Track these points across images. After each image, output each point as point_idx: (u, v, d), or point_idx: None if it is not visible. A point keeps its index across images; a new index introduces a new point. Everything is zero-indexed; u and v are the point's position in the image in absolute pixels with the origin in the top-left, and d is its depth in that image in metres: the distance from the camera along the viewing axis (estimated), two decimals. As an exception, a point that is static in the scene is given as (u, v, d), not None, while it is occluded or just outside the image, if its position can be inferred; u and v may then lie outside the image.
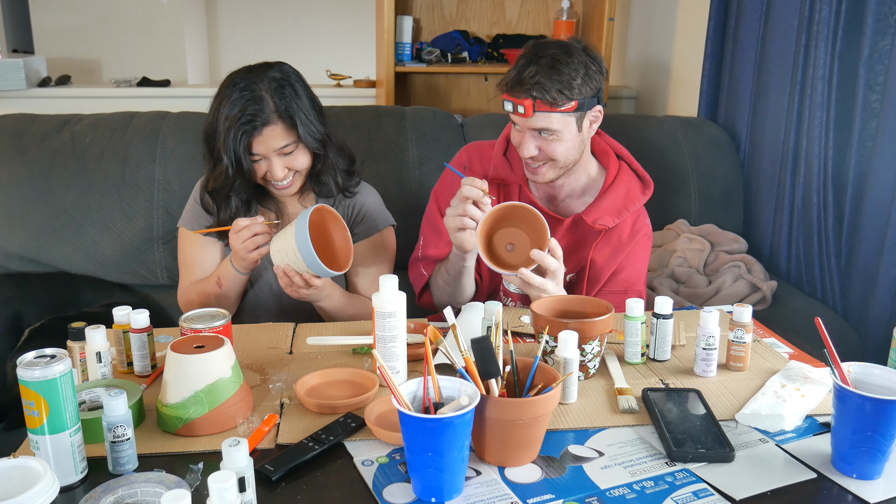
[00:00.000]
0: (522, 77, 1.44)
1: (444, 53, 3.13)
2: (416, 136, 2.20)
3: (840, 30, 2.00)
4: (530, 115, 1.45)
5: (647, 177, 1.63)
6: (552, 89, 1.43)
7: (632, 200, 1.60)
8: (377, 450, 1.04)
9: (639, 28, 3.35)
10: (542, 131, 1.48)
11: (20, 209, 1.99)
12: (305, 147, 1.53)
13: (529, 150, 1.50)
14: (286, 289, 1.46)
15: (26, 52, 4.18)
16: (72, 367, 0.95)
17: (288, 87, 1.50)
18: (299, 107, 1.49)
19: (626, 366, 1.30)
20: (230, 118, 1.46)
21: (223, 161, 1.49)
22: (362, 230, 1.67)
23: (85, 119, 2.12)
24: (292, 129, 1.49)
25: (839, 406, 0.99)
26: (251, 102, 1.46)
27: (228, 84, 1.50)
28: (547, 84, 1.43)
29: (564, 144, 1.50)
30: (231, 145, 1.47)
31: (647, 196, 1.62)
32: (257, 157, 1.51)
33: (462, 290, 1.61)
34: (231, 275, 1.55)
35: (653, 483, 0.98)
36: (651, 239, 1.69)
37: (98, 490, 0.91)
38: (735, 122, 2.50)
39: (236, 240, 1.47)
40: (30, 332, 1.67)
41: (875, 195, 1.93)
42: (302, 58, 4.35)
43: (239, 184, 1.53)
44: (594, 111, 1.52)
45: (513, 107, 1.47)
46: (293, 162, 1.53)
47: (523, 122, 1.49)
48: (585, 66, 1.46)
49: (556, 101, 1.44)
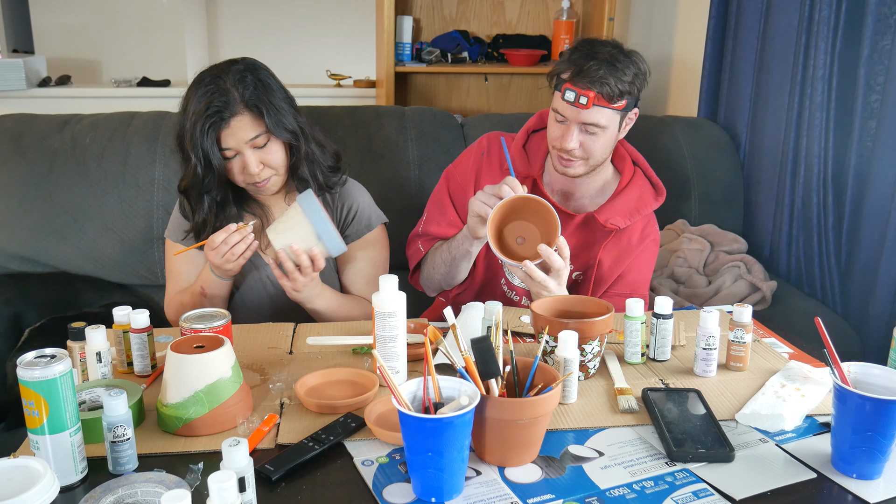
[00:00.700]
0: (584, 69, 1.46)
1: (444, 53, 3.13)
2: (416, 136, 2.20)
3: (840, 30, 2.00)
4: (590, 108, 1.47)
5: (661, 185, 1.66)
6: (614, 85, 1.46)
7: (644, 204, 1.62)
8: (377, 450, 1.04)
9: (639, 28, 3.35)
10: (591, 126, 1.50)
11: (20, 209, 1.99)
12: (278, 139, 1.50)
13: (572, 142, 1.52)
14: (290, 274, 1.43)
15: (26, 52, 4.18)
16: (72, 367, 0.95)
17: (252, 78, 1.48)
18: (266, 96, 1.47)
19: (626, 366, 1.30)
20: (196, 113, 1.44)
21: (192, 159, 1.47)
22: (354, 230, 1.65)
23: (85, 119, 2.12)
24: (260, 118, 1.46)
25: (839, 406, 0.99)
26: (217, 95, 1.44)
27: (195, 82, 1.49)
28: (609, 79, 1.46)
29: (604, 141, 1.53)
30: (199, 140, 1.45)
31: (658, 202, 1.64)
32: (230, 153, 1.48)
33: (457, 273, 1.63)
34: (214, 282, 1.54)
35: (653, 483, 0.98)
36: (658, 245, 1.70)
37: (98, 490, 0.91)
38: (735, 122, 2.50)
39: (215, 256, 1.45)
40: (30, 332, 1.67)
41: (875, 195, 1.93)
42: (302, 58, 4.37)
43: (209, 181, 1.50)
44: (632, 112, 1.56)
45: (575, 96, 1.47)
46: (267, 156, 1.50)
47: (575, 114, 1.50)
48: (637, 67, 1.50)
49: (613, 97, 1.47)
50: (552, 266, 1.38)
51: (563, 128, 1.53)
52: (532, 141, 1.70)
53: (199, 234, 1.58)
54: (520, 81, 3.31)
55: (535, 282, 1.38)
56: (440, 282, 1.68)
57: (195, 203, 1.55)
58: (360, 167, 2.11)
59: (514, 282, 1.67)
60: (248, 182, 1.53)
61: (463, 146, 2.12)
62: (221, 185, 1.53)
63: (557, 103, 1.52)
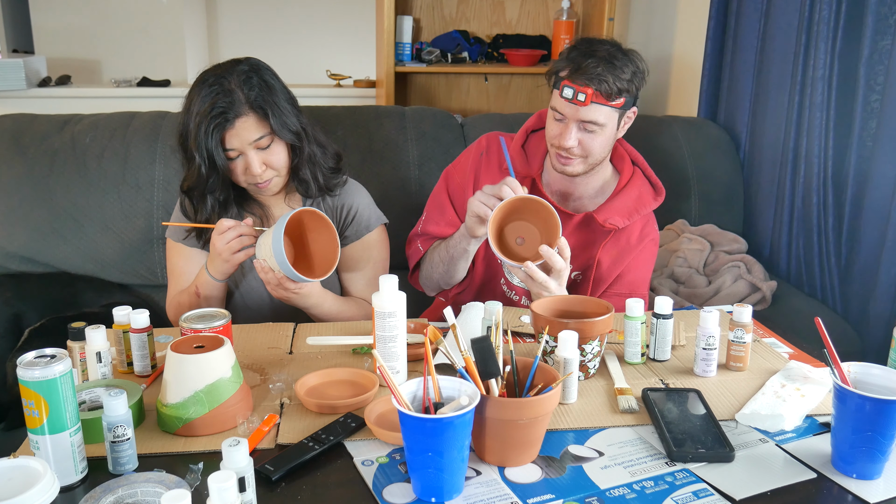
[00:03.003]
0: (583, 67, 1.47)
1: (444, 53, 3.13)
2: (416, 136, 2.20)
3: (840, 30, 2.00)
4: (588, 105, 1.48)
5: (660, 185, 1.66)
6: (612, 82, 1.47)
7: (643, 204, 1.62)
8: (377, 450, 1.04)
9: (639, 28, 3.35)
10: (589, 124, 1.51)
11: (20, 209, 1.99)
12: (281, 140, 1.50)
13: (571, 140, 1.52)
14: (267, 286, 1.44)
15: (26, 52, 4.18)
16: (72, 367, 0.95)
17: (258, 79, 1.47)
18: (271, 98, 1.47)
19: (626, 366, 1.30)
20: (200, 113, 1.44)
21: (196, 159, 1.47)
22: (354, 231, 1.64)
23: (85, 119, 2.12)
24: (265, 119, 1.46)
25: (839, 406, 0.99)
26: (221, 96, 1.44)
27: (198, 82, 1.48)
28: (608, 77, 1.47)
29: (602, 139, 1.54)
30: (203, 141, 1.44)
31: (658, 202, 1.65)
32: (233, 153, 1.48)
33: (455, 272, 1.63)
34: (208, 282, 1.53)
35: (653, 483, 0.98)
36: (657, 245, 1.70)
37: (98, 490, 0.91)
38: (735, 122, 2.50)
39: (220, 240, 1.44)
40: (30, 332, 1.67)
41: (875, 195, 1.93)
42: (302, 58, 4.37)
43: (213, 182, 1.50)
44: (631, 111, 1.56)
45: (573, 93, 1.48)
46: (270, 157, 1.49)
47: (573, 112, 1.50)
48: (635, 65, 1.51)
49: (611, 94, 1.48)
50: (553, 267, 1.38)
51: (561, 126, 1.54)
52: (531, 141, 1.71)
53: (201, 235, 1.58)
54: (520, 81, 3.31)
55: (536, 282, 1.38)
56: (438, 281, 1.68)
57: (198, 203, 1.55)
58: (360, 167, 2.11)
59: (513, 281, 1.67)
60: (251, 182, 1.53)
61: (463, 146, 2.12)
62: (224, 185, 1.53)
63: (556, 101, 1.53)
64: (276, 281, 1.41)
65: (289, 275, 1.37)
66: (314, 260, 1.49)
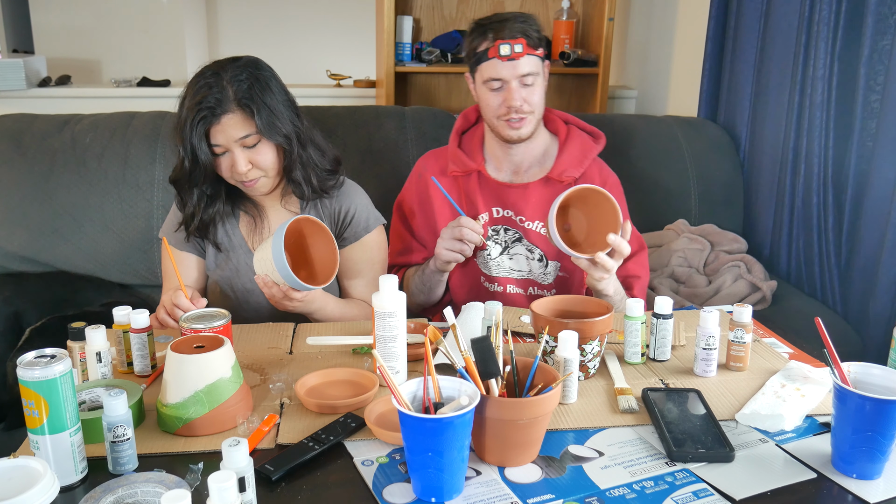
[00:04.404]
0: (507, 26, 1.59)
1: (444, 53, 3.13)
2: (416, 136, 2.20)
3: (840, 30, 2.00)
4: (524, 55, 1.58)
5: (597, 130, 1.77)
6: (532, 33, 1.61)
7: (588, 149, 1.73)
8: (377, 450, 1.04)
9: (639, 28, 3.35)
10: (528, 76, 1.60)
11: (20, 209, 1.99)
12: (269, 142, 1.48)
13: (518, 99, 1.60)
14: (271, 300, 1.44)
15: (26, 52, 4.18)
16: (72, 367, 0.95)
17: (250, 77, 1.46)
18: (262, 97, 1.46)
19: (626, 366, 1.30)
20: (189, 106, 1.44)
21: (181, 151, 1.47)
22: (353, 233, 1.63)
23: (85, 119, 2.12)
24: (251, 118, 1.45)
25: (839, 406, 0.99)
26: (213, 91, 1.44)
27: (197, 75, 1.49)
28: (528, 29, 1.60)
29: (540, 91, 1.64)
30: (188, 134, 1.44)
31: (601, 145, 1.75)
32: (219, 149, 1.47)
33: (434, 295, 1.75)
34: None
35: (653, 483, 0.98)
36: (621, 186, 1.78)
37: (98, 490, 0.91)
38: (735, 122, 2.50)
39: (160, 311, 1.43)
40: (30, 332, 1.67)
41: (875, 195, 1.93)
42: (302, 58, 4.37)
43: (196, 175, 1.49)
44: (546, 64, 1.67)
45: (510, 48, 1.58)
46: (256, 157, 1.48)
47: (511, 69, 1.59)
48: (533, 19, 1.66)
49: (536, 44, 1.61)
50: (620, 252, 1.43)
51: (502, 92, 1.62)
52: (464, 140, 1.79)
53: (188, 226, 1.58)
54: (520, 81, 3.31)
55: (607, 270, 1.44)
56: (421, 304, 1.77)
57: (185, 195, 1.56)
58: (359, 167, 2.11)
59: (491, 273, 1.73)
60: (237, 180, 1.52)
61: (463, 146, 2.12)
62: (210, 179, 1.52)
63: (489, 71, 1.61)
64: (282, 293, 1.41)
65: (294, 285, 1.37)
66: (314, 266, 1.49)
